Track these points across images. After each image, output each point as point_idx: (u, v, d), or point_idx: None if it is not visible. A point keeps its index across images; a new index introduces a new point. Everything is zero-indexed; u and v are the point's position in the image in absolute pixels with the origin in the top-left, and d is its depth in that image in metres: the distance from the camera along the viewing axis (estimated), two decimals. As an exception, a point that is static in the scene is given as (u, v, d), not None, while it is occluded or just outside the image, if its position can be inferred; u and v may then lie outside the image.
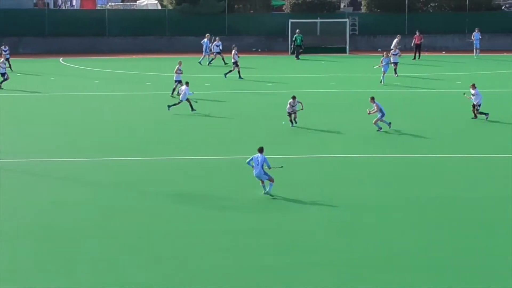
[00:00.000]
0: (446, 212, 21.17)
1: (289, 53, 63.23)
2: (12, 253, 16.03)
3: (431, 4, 73.38)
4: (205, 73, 52.49)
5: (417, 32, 61.23)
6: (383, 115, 30.39)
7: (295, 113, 32.59)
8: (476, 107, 32.88)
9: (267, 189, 22.07)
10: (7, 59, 49.88)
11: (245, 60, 52.84)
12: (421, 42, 61.77)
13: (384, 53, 50.36)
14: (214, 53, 56.86)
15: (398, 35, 59.19)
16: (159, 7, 77.69)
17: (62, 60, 60.76)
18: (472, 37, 62.42)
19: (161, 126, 37.01)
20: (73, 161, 28.17)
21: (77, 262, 15.30)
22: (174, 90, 40.37)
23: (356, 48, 67.41)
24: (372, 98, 30.98)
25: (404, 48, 59.63)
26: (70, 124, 37.37)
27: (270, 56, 64.39)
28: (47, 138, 31.56)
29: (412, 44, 61.76)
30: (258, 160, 21.84)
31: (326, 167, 26.26)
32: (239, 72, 47.20)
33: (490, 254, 16.05)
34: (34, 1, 78.09)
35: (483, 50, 60.79)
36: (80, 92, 49.07)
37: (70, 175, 25.91)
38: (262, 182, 22.13)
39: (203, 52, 57.21)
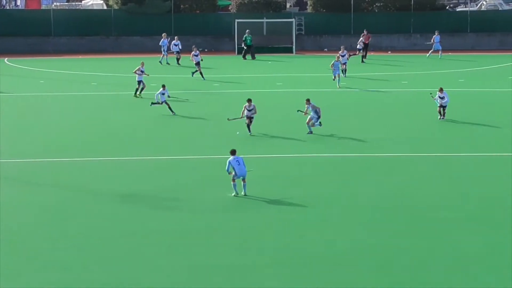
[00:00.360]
0: (393, 212, 21.59)
1: (236, 53, 63.10)
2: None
3: (377, 4, 73.44)
4: (163, 73, 51.80)
5: (364, 32, 61.10)
6: (318, 118, 30.90)
7: (251, 118, 32.92)
8: (442, 108, 34.58)
9: (244, 190, 22.49)
10: None
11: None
12: (369, 42, 62.75)
13: (336, 56, 50.44)
14: (174, 52, 57.48)
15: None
16: (105, 7, 76.45)
17: (6, 60, 60.32)
18: (432, 40, 63.16)
19: (107, 126, 37.29)
20: (18, 162, 27.76)
21: (26, 263, 15.27)
22: (137, 90, 41.04)
23: (302, 48, 67.89)
24: (308, 100, 31.50)
25: (350, 47, 59.09)
26: (14, 125, 37.17)
27: (217, 56, 64.12)
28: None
29: (358, 45, 61.73)
30: (239, 161, 21.98)
31: (274, 167, 26.36)
32: (201, 73, 47.67)
33: (427, 252, 16.60)
34: (-22, 2, 73.62)
35: (426, 50, 61.95)
36: (25, 92, 49.14)
37: (15, 177, 25.51)
38: (243, 181, 22.39)
39: (162, 52, 57.63)
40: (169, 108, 34.65)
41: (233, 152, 22.36)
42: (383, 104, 43.45)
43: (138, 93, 41.38)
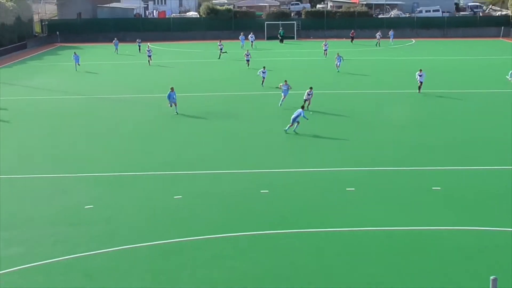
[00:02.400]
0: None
1: (265, 39, 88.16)
2: None
3: (337, 13, 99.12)
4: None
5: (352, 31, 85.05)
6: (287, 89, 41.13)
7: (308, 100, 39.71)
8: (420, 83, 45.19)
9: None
10: None
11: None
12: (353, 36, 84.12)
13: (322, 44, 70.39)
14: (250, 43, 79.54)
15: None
16: (198, 16, 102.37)
17: (149, 44, 73.39)
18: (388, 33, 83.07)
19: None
20: None
21: None
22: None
23: (300, 37, 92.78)
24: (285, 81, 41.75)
25: (324, 36, 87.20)
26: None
27: (257, 41, 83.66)
28: None
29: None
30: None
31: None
32: (223, 53, 69.19)
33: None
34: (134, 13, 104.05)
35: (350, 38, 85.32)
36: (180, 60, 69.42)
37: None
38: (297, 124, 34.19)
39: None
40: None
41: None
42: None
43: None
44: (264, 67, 48.74)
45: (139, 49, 73.49)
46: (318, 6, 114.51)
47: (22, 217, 22.93)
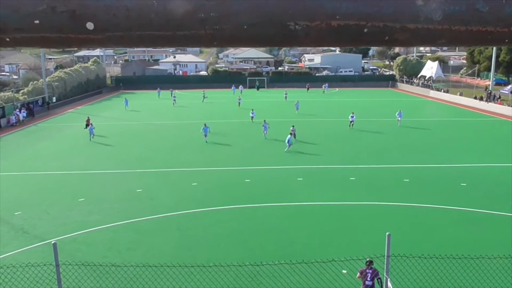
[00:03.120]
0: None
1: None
2: None
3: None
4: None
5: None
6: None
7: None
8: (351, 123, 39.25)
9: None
10: None
11: None
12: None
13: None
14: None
15: None
16: (205, 74, 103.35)
17: (176, 91, 75.17)
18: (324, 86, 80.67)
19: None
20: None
21: None
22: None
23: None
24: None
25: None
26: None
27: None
28: None
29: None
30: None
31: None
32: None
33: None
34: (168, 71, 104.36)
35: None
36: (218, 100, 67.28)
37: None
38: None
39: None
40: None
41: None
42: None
43: None
44: (252, 110, 46.03)
45: (171, 94, 70.30)
46: (279, 68, 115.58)
47: (99, 197, 22.77)
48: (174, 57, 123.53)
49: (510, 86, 61.00)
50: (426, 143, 34.57)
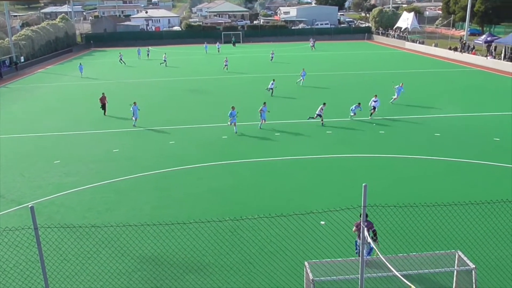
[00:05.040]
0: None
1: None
2: None
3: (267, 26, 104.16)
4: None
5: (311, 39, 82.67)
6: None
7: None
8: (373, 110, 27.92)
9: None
10: None
11: None
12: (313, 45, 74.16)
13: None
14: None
15: None
16: (179, 29, 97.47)
17: (150, 47, 71.97)
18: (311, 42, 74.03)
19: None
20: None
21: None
22: None
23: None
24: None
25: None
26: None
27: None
28: None
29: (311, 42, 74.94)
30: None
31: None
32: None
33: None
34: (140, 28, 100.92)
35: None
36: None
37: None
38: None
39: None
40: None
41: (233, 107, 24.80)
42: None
43: None
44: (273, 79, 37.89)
45: (147, 53, 66.56)
46: (254, 22, 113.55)
47: (75, 159, 22.58)
48: (146, 12, 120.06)
49: (484, 36, 61.30)
50: (401, 95, 34.80)
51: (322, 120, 27.07)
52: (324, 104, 27.44)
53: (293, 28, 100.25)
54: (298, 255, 11.89)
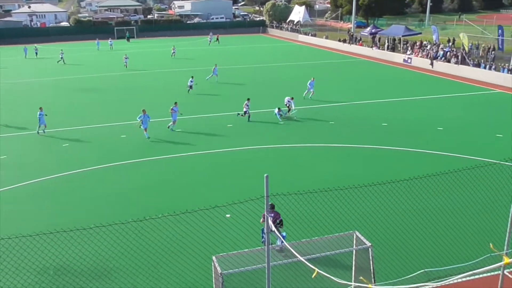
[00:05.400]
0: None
1: None
2: None
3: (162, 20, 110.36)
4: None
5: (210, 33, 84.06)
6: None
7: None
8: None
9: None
10: None
11: None
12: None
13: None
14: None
15: None
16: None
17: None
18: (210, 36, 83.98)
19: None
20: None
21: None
22: None
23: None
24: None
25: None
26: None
27: None
28: None
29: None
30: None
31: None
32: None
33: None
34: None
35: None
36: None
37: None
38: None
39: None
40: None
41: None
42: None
43: None
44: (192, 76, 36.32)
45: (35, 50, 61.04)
46: (148, 16, 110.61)
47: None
48: (29, 6, 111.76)
49: (369, 28, 65.28)
50: (298, 86, 35.90)
51: (244, 115, 26.99)
52: (248, 99, 27.27)
53: (188, 22, 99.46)
54: (205, 250, 11.88)
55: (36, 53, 59.56)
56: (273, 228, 9.76)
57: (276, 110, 26.86)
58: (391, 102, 31.71)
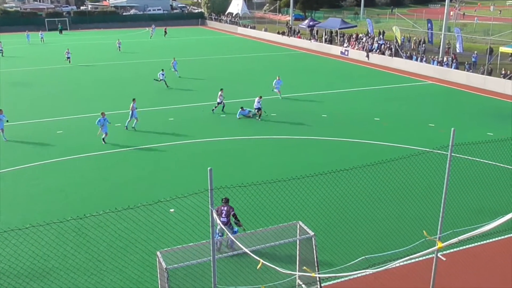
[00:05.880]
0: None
1: None
2: None
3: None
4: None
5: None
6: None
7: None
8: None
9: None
10: None
11: None
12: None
13: None
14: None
15: None
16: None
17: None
18: (152, 29, 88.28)
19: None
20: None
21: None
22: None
23: None
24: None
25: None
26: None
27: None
28: None
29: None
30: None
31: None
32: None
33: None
34: None
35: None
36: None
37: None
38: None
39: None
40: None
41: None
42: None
43: None
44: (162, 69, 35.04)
45: None
46: (81, 7, 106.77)
47: None
48: None
49: (307, 21, 66.32)
50: (234, 79, 35.86)
51: (216, 107, 26.57)
52: (222, 89, 26.67)
53: (124, 14, 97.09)
54: (149, 246, 11.73)
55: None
56: (218, 222, 9.76)
57: (239, 111, 25.71)
58: (330, 94, 32.45)
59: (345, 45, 53.27)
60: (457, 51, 42.46)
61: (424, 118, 26.35)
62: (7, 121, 21.13)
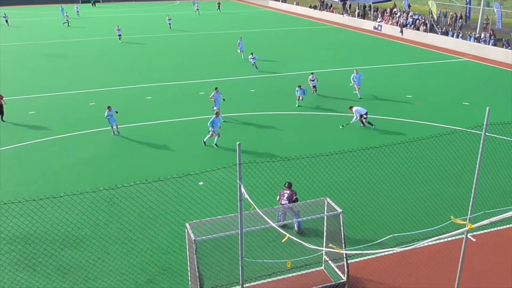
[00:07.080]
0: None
1: None
2: None
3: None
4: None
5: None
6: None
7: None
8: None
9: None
10: None
11: None
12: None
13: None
14: None
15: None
16: None
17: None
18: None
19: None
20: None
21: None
22: None
23: None
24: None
25: None
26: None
27: None
28: None
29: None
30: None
31: None
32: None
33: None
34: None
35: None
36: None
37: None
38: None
39: None
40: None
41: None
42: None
43: None
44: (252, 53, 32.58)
45: None
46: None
47: None
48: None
49: (340, -6, 64.62)
50: (268, 53, 35.54)
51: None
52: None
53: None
54: (178, 218, 11.94)
55: (6, 20, 55.19)
56: (246, 196, 9.85)
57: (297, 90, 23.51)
58: (362, 70, 31.85)
59: (378, 20, 52.03)
60: (496, 27, 40.95)
61: (458, 96, 25.70)
62: (116, 112, 19.84)
